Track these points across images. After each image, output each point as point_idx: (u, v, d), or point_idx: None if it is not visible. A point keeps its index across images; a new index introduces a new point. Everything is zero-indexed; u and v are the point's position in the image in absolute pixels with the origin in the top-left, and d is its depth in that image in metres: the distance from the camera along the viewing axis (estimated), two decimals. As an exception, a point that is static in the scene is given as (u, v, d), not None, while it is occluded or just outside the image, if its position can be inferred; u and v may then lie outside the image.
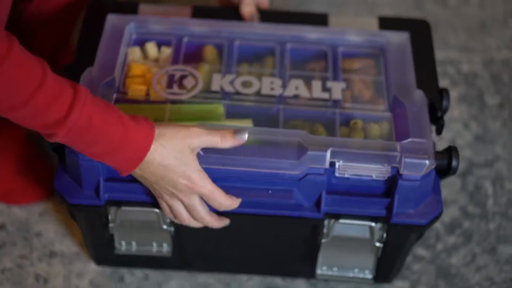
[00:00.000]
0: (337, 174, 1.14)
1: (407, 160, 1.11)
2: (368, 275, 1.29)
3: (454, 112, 1.63)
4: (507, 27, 1.82)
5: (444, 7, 1.85)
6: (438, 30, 1.79)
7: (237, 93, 1.21)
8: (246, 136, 1.09)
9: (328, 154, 1.12)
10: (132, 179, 1.14)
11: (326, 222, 1.20)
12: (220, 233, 1.23)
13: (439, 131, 1.23)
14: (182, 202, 1.12)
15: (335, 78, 1.24)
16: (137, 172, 1.08)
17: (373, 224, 1.19)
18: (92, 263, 1.35)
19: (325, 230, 1.20)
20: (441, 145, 1.56)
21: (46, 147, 1.15)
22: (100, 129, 1.01)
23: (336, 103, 1.21)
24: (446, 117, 1.60)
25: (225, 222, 1.17)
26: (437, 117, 1.21)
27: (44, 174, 1.43)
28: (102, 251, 1.30)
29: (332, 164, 1.13)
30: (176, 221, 1.15)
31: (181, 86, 1.21)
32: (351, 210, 1.17)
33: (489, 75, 1.70)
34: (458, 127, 1.60)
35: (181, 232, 1.24)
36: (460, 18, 1.83)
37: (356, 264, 1.28)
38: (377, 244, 1.22)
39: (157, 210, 1.19)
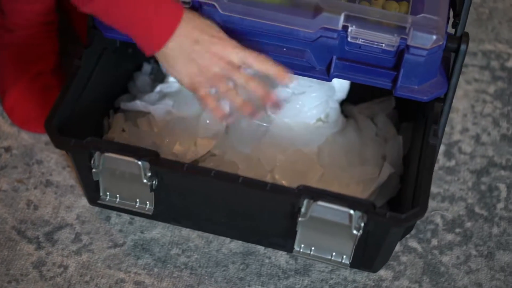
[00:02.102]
0: (349, 39, 1.20)
1: (416, 32, 1.18)
2: (346, 261, 1.27)
3: (487, 108, 1.57)
4: None
5: (504, -2, 1.78)
6: (493, 20, 1.73)
7: None
8: None
9: (342, 17, 1.19)
10: None
11: (305, 201, 1.18)
12: (201, 192, 1.24)
13: (453, 25, 1.27)
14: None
15: None
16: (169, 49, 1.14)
17: (351, 211, 1.17)
18: (83, 199, 1.37)
19: (302, 210, 1.19)
20: (465, 139, 1.52)
21: None
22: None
23: None
24: (477, 111, 1.56)
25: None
26: (454, 13, 1.27)
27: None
28: (92, 195, 1.32)
29: (345, 29, 1.20)
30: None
31: None
32: (359, 78, 1.23)
33: (535, 75, 1.64)
34: (487, 123, 1.54)
35: (162, 188, 1.24)
36: (519, 12, 1.76)
37: (333, 248, 1.26)
38: (355, 232, 1.19)
39: (139, 162, 1.19)
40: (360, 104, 1.49)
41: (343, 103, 1.48)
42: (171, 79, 1.45)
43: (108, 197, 1.29)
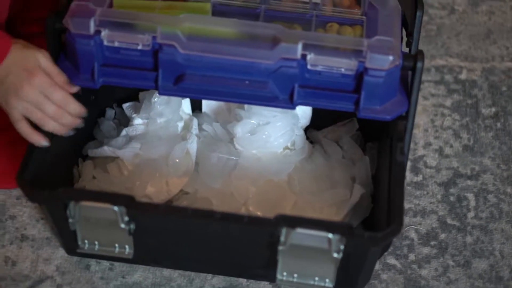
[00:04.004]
0: (309, 67, 1.23)
1: (373, 54, 1.21)
2: (329, 284, 1.28)
3: (446, 121, 1.61)
4: (514, 37, 1.79)
5: (451, 13, 1.82)
6: (442, 36, 1.77)
7: None
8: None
9: (300, 46, 1.22)
10: (128, 66, 1.25)
11: (283, 230, 1.19)
12: (179, 231, 1.25)
13: (407, 44, 1.33)
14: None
15: None
16: None
17: (330, 235, 1.18)
18: (61, 250, 1.36)
19: (282, 238, 1.20)
20: (429, 154, 1.55)
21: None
22: None
23: (315, 5, 1.32)
24: (437, 125, 1.60)
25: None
26: (407, 33, 1.33)
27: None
28: (70, 245, 1.32)
29: (304, 57, 1.22)
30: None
31: None
32: (322, 103, 1.26)
33: (488, 85, 1.67)
34: (448, 135, 1.58)
35: (140, 231, 1.24)
36: (466, 25, 1.80)
37: (316, 273, 1.27)
38: (335, 255, 1.21)
39: (115, 208, 1.20)
40: (323, 128, 1.51)
41: (307, 130, 1.50)
42: (136, 121, 1.46)
43: (87, 245, 1.29)
